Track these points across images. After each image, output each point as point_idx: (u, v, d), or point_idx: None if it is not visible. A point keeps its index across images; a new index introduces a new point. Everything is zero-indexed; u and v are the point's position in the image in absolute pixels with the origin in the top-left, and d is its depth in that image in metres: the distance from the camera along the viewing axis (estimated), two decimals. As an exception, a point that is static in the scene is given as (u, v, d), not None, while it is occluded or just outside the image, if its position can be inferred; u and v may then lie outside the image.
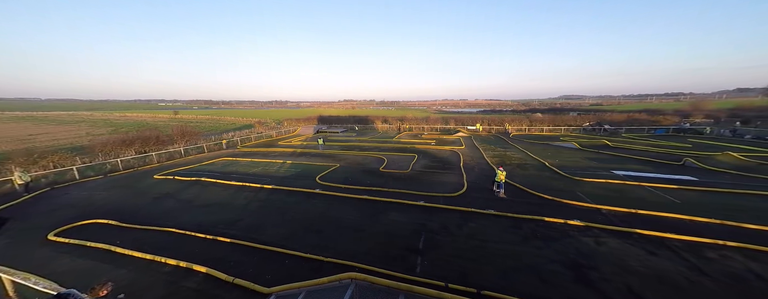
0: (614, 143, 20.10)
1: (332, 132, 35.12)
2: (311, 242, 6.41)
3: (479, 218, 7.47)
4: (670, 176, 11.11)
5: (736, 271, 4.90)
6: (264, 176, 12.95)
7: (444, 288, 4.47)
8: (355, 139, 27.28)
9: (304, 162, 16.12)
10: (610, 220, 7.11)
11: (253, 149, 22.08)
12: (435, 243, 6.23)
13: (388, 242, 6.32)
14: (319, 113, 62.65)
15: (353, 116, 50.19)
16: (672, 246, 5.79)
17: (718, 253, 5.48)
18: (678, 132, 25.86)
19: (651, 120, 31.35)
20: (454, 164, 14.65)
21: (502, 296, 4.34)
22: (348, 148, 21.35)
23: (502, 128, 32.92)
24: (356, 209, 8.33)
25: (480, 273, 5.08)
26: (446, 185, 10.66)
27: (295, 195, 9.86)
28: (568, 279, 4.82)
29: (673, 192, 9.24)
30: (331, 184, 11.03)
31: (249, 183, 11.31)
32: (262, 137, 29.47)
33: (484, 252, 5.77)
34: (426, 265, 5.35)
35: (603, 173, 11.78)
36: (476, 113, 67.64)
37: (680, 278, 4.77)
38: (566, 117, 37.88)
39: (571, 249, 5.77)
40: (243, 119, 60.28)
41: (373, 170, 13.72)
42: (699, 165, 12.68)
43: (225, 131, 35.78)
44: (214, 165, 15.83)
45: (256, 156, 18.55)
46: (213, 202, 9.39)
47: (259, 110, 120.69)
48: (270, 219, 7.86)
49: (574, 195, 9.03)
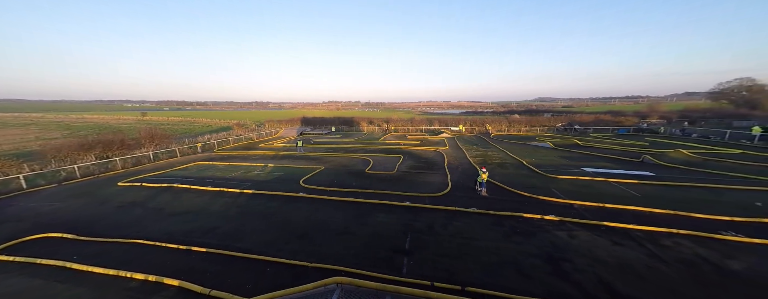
0: (584, 142, 21.69)
1: (317, 134, 34.44)
2: (295, 247, 6.22)
3: (463, 217, 7.68)
4: (631, 172, 12.18)
5: (687, 256, 5.47)
6: (244, 180, 12.37)
7: (430, 287, 4.54)
8: (340, 141, 26.95)
9: (287, 165, 15.63)
10: (581, 214, 7.64)
11: (231, 152, 21.03)
12: (421, 242, 6.31)
13: (375, 244, 6.30)
14: (302, 114, 61.30)
15: (338, 118, 49.62)
16: (634, 236, 6.34)
17: (672, 241, 6.09)
18: (637, 132, 28.47)
19: (614, 121, 34.25)
20: (439, 164, 14.97)
21: (486, 292, 4.49)
22: (333, 150, 21.03)
23: (483, 129, 34.24)
24: (342, 212, 8.22)
25: (464, 271, 5.22)
26: (431, 185, 10.85)
27: (277, 200, 9.52)
28: (546, 272, 5.10)
29: (633, 186, 10.14)
30: (315, 187, 10.80)
31: (227, 188, 10.74)
32: (241, 139, 28.19)
33: (468, 250, 5.94)
34: (412, 265, 5.40)
35: (574, 171, 12.65)
36: (459, 114, 69.87)
37: (641, 265, 5.24)
38: (541, 118, 40.28)
39: (547, 243, 6.12)
40: (220, 121, 57.26)
41: (359, 171, 13.64)
42: (655, 161, 14.03)
43: (200, 133, 33.73)
44: (188, 170, 14.85)
45: (235, 160, 17.69)
46: (187, 209, 8.80)
47: (238, 112, 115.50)
48: (251, 226, 7.52)
49: (550, 192, 9.59)
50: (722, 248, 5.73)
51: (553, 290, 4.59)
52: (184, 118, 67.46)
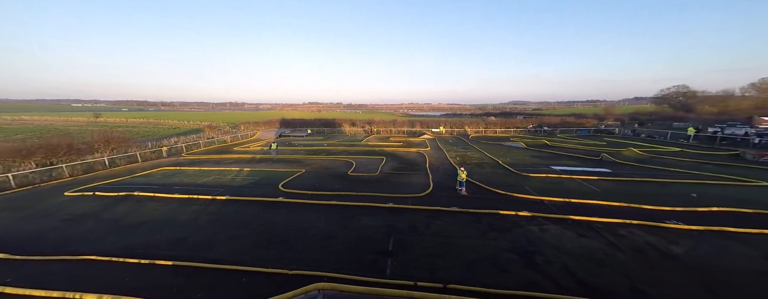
0: (552, 142, 23.43)
1: (297, 136, 33.42)
2: (274, 255, 5.94)
3: (445, 216, 7.89)
4: (592, 169, 13.39)
5: (639, 244, 6.12)
6: (216, 186, 11.61)
7: (413, 287, 4.59)
8: (322, 143, 26.39)
9: (265, 169, 14.96)
10: (550, 209, 8.22)
11: (202, 156, 19.65)
12: (405, 243, 6.36)
13: (358, 247, 6.23)
14: (281, 115, 59.14)
15: (319, 119, 48.59)
16: (596, 227, 6.96)
17: (627, 230, 6.77)
18: (597, 132, 31.41)
19: (577, 123, 37.48)
20: (421, 165, 15.26)
21: (466, 288, 4.64)
22: (314, 152, 20.54)
23: (462, 130, 35.57)
24: (325, 216, 8.03)
25: (446, 268, 5.35)
26: (414, 186, 11.02)
27: (254, 205, 9.06)
28: (520, 265, 5.40)
29: (594, 182, 11.14)
30: (296, 191, 10.44)
31: (197, 195, 10.01)
32: (213, 142, 26.47)
33: (449, 248, 6.11)
34: (396, 266, 5.43)
35: (544, 169, 13.61)
36: (439, 116, 71.92)
37: (601, 253, 5.76)
38: (514, 120, 42.79)
39: (521, 237, 6.50)
40: (189, 123, 53.24)
41: (342, 174, 13.45)
42: (612, 159, 15.57)
43: (165, 136, 31.09)
44: (151, 177, 13.61)
45: (206, 164, 16.55)
46: (149, 220, 8.04)
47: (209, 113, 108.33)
48: (224, 234, 7.06)
49: (523, 189, 10.21)
50: (667, 235, 6.49)
51: (527, 281, 4.87)
52: (146, 119, 61.77)
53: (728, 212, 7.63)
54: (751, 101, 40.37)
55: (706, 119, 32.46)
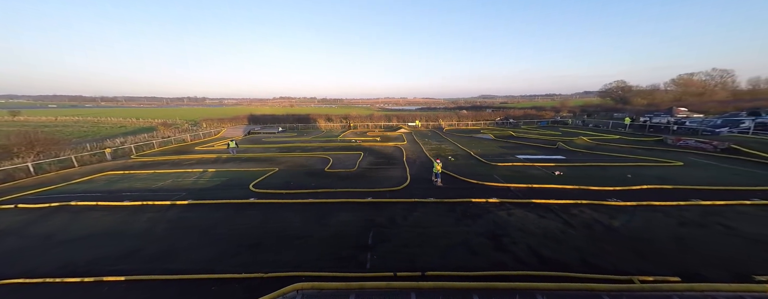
0: (517, 133, 25.40)
1: (268, 133, 31.55)
2: (247, 260, 5.64)
3: (422, 207, 8.17)
4: (550, 157, 14.85)
5: (587, 221, 7.01)
6: (176, 190, 10.55)
7: (393, 277, 4.72)
8: (296, 139, 25.31)
9: (232, 169, 13.95)
10: (515, 194, 8.98)
11: (156, 157, 17.63)
12: (384, 236, 6.48)
13: (337, 244, 6.19)
14: (249, 111, 55.20)
15: (292, 115, 46.40)
16: (553, 209, 7.79)
17: (578, 210, 7.69)
18: (554, 123, 34.76)
19: (538, 115, 41.05)
20: (398, 159, 15.50)
21: (442, 273, 4.92)
22: (288, 149, 19.64)
23: (437, 124, 36.76)
24: (301, 215, 7.80)
25: (424, 257, 5.59)
26: (392, 180, 11.18)
27: (222, 209, 8.44)
28: (490, 248, 5.86)
29: (551, 168, 12.39)
30: (268, 191, 9.94)
31: (152, 201, 9.01)
32: (170, 142, 23.86)
33: (426, 237, 6.37)
34: (376, 260, 5.52)
35: (510, 158, 14.74)
36: (415, 110, 73.26)
37: (557, 232, 6.49)
38: (484, 113, 45.40)
39: (491, 222, 7.02)
40: (138, 121, 47.06)
41: (318, 171, 13.10)
42: (566, 147, 17.41)
43: (109, 136, 27.13)
44: (92, 183, 11.89)
45: (162, 166, 14.90)
46: (93, 232, 7.07)
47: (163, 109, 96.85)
48: (187, 242, 6.50)
49: (492, 178, 10.98)
50: (609, 211, 7.52)
51: (496, 262, 5.31)
52: (82, 117, 53.17)
53: (654, 189, 9.07)
54: (672, 94, 47.94)
55: (638, 110, 37.81)
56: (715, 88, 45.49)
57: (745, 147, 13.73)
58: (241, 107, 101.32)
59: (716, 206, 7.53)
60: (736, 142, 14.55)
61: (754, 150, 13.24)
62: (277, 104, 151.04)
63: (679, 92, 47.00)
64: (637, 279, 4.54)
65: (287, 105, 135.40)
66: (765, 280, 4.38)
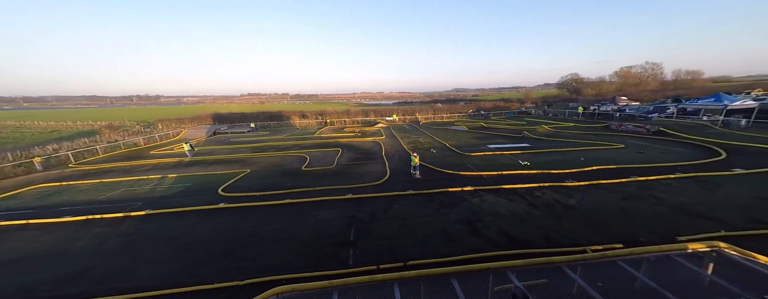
0: (488, 124, 26.91)
1: (237, 132, 29.46)
2: (219, 268, 5.31)
3: (402, 200, 8.36)
4: (516, 145, 16.04)
5: (549, 201, 7.77)
6: (129, 200, 9.46)
7: (376, 270, 4.80)
8: (268, 138, 23.99)
9: (197, 173, 12.85)
10: (487, 182, 9.60)
11: (101, 165, 15.56)
12: (366, 231, 6.52)
13: (318, 242, 6.10)
14: (214, 109, 50.88)
15: (263, 112, 43.70)
16: (521, 192, 8.49)
17: (541, 192, 8.48)
18: (519, 114, 37.45)
19: (505, 106, 43.80)
20: (377, 153, 15.54)
21: (423, 261, 5.12)
22: (260, 149, 18.58)
23: (414, 118, 37.39)
24: (277, 217, 7.51)
25: (405, 247, 5.76)
26: (372, 175, 11.21)
27: (187, 217, 7.78)
28: (466, 233, 6.23)
29: (518, 156, 13.42)
30: (240, 194, 9.38)
31: (100, 215, 7.99)
32: (118, 146, 21.17)
33: (407, 229, 6.55)
34: (359, 255, 5.55)
35: (482, 148, 15.62)
36: (392, 104, 73.55)
37: (523, 213, 7.10)
38: (458, 106, 47.14)
39: (466, 209, 7.44)
40: (75, 124, 40.70)
41: (295, 170, 12.64)
42: (530, 135, 18.92)
43: (37, 143, 23.08)
44: (18, 199, 10.18)
45: (109, 175, 13.22)
46: (25, 255, 6.11)
47: (107, 110, 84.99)
48: (146, 256, 5.92)
49: (466, 167, 11.56)
50: (566, 191, 8.41)
51: (472, 246, 5.68)
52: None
53: (601, 170, 10.32)
54: (615, 85, 54.24)
55: (589, 99, 42.27)
56: (648, 79, 52.61)
57: (670, 130, 16.19)
58: (204, 106, 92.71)
59: (649, 181, 8.82)
60: (663, 125, 17.07)
61: (677, 132, 15.68)
62: (246, 102, 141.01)
63: (621, 83, 53.53)
64: (589, 249, 5.18)
65: (257, 102, 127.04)
66: (685, 240, 5.28)
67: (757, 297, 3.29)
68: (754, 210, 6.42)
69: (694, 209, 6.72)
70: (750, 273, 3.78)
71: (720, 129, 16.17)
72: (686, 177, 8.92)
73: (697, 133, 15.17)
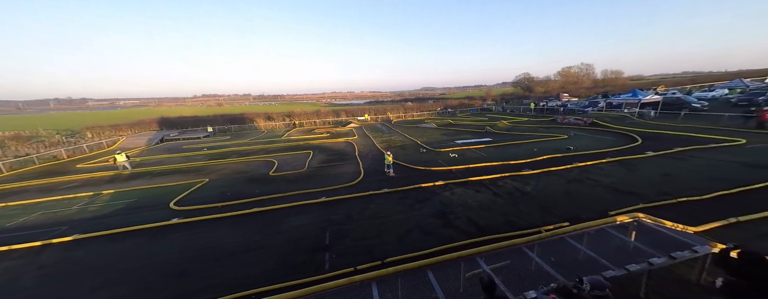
0: (455, 121, 28.45)
1: (191, 138, 26.46)
2: (174, 292, 4.75)
3: (377, 199, 8.41)
4: (480, 140, 17.29)
5: (509, 190, 8.55)
6: (50, 225, 7.93)
7: (353, 272, 4.77)
8: (229, 143, 22.04)
9: (141, 187, 11.27)
10: (456, 175, 10.18)
11: (7, 185, 12.70)
12: (342, 233, 6.42)
13: (291, 250, 5.83)
14: (160, 113, 45.02)
15: (222, 115, 40.03)
16: (486, 183, 9.19)
17: (503, 182, 9.29)
18: (482, 110, 40.37)
19: (470, 104, 46.82)
20: (350, 154, 15.36)
21: (400, 257, 5.24)
22: (220, 156, 16.98)
23: (385, 117, 37.76)
24: (243, 227, 6.98)
25: (382, 246, 5.82)
26: (346, 176, 11.05)
27: (129, 238, 6.79)
28: (439, 226, 6.54)
29: (482, 150, 14.49)
30: (197, 207, 8.49)
31: (7, 246, 6.55)
32: (31, 161, 17.47)
33: (384, 227, 6.62)
34: (335, 258, 5.45)
35: (451, 143, 16.50)
36: (364, 104, 73.21)
37: (489, 202, 7.71)
38: (427, 104, 48.96)
39: (439, 203, 7.80)
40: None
41: (262, 176, 11.84)
42: (492, 130, 20.54)
43: None
44: None
45: (18, 196, 10.92)
46: None
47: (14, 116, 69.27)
48: (78, 288, 5.05)
49: (437, 163, 12.10)
50: (523, 179, 9.35)
51: (445, 237, 5.98)
52: None
53: (550, 158, 11.69)
54: (559, 83, 61.66)
55: (539, 96, 47.40)
56: (583, 78, 61.00)
57: (601, 121, 19.02)
58: (148, 109, 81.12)
59: (587, 166, 10.27)
60: (596, 118, 19.99)
61: (606, 123, 18.49)
62: (200, 104, 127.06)
63: (563, 82, 61.15)
64: (543, 230, 5.85)
65: (213, 104, 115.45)
66: (614, 214, 6.28)
67: (665, 255, 4.07)
68: (662, 185, 7.93)
69: (620, 187, 8.03)
70: (661, 236, 4.66)
71: (637, 119, 19.52)
72: (614, 161, 10.60)
73: (620, 123, 18.10)
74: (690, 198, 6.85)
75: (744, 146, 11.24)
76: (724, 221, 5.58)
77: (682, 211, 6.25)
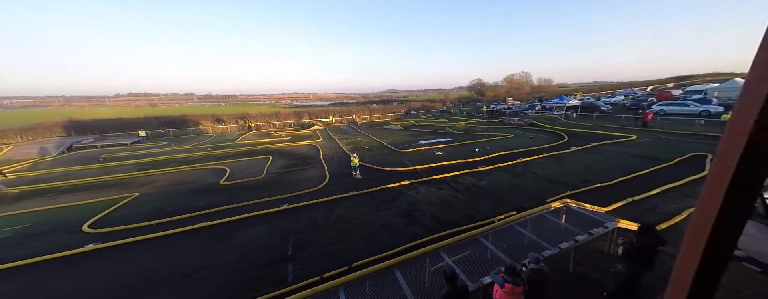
0: (418, 122, 29.72)
1: (113, 146, 22.00)
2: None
3: (344, 202, 8.23)
4: (441, 140, 18.43)
5: (467, 186, 9.30)
6: None
7: (319, 281, 4.57)
8: (167, 150, 19.00)
9: (39, 209, 8.94)
10: (421, 175, 10.63)
11: None
12: (306, 241, 6.10)
13: (248, 266, 5.29)
14: (66, 115, 36.50)
15: (157, 117, 34.30)
16: (447, 180, 9.81)
17: (462, 178, 10.06)
18: (442, 112, 43.13)
19: (431, 106, 49.56)
20: (315, 158, 14.72)
21: (367, 260, 5.22)
22: (154, 165, 14.52)
23: (351, 119, 37.31)
24: (184, 246, 6.09)
25: (349, 250, 5.71)
26: (309, 181, 10.54)
27: (21, 276, 5.32)
28: (405, 224, 6.73)
29: (443, 149, 15.46)
30: (124, 228, 7.10)
31: None
32: None
33: (350, 231, 6.51)
34: (299, 269, 5.14)
35: (415, 144, 17.17)
36: (328, 105, 71.11)
37: (450, 197, 8.26)
38: (392, 106, 50.02)
39: (405, 202, 8.03)
40: None
41: (209, 186, 10.50)
42: (451, 131, 22.09)
43: None
44: None
45: None
46: None
47: None
48: None
49: (403, 163, 12.45)
50: (479, 175, 10.27)
51: (411, 235, 6.18)
52: None
53: (500, 155, 13.12)
54: (505, 88, 69.77)
55: (489, 100, 52.85)
56: (524, 84, 70.34)
57: (538, 122, 22.15)
58: (51, 111, 64.48)
59: (528, 161, 11.82)
60: (534, 119, 23.20)
61: (541, 123, 21.60)
62: (125, 104, 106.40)
63: (508, 87, 69.52)
64: (496, 220, 6.51)
65: (145, 105, 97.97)
66: (549, 201, 7.35)
67: (586, 233, 4.92)
68: (584, 174, 9.60)
69: (553, 178, 9.46)
70: (583, 218, 5.61)
71: (564, 120, 23.30)
72: (548, 156, 12.44)
73: (552, 123, 21.38)
74: (602, 184, 8.46)
75: (635, 140, 14.38)
76: (624, 201, 7.04)
77: (597, 195, 7.68)
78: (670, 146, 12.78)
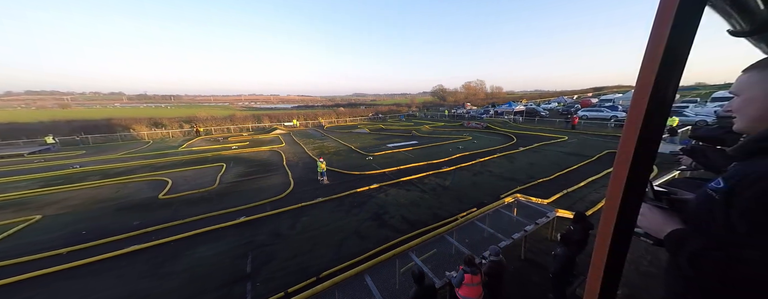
0: (386, 125, 30.21)
1: (5, 156, 17.26)
2: None
3: (310, 210, 7.83)
4: (408, 143, 19.05)
5: (433, 186, 9.75)
6: None
7: (284, 296, 4.24)
8: (85, 160, 15.64)
9: None
10: (389, 177, 10.78)
11: None
12: (268, 255, 5.61)
13: (196, 291, 4.62)
14: None
15: (71, 121, 28.11)
16: (414, 182, 10.14)
17: (428, 179, 10.51)
18: (409, 116, 44.71)
19: (398, 110, 50.97)
20: (277, 164, 13.75)
21: (337, 268, 5.04)
22: (67, 179, 11.81)
23: (317, 122, 36.01)
24: (115, 274, 5.07)
25: (317, 259, 5.44)
26: (271, 189, 9.78)
27: None
28: (375, 227, 6.71)
29: (410, 151, 16.00)
30: (18, 260, 5.57)
31: None
32: None
33: (318, 239, 6.21)
34: (259, 287, 4.69)
35: (383, 147, 17.37)
36: (291, 108, 67.39)
37: (418, 199, 8.55)
38: (359, 110, 49.93)
39: (374, 205, 8.02)
40: None
41: (145, 201, 8.95)
42: (417, 134, 23.01)
43: None
44: None
45: None
46: None
47: None
48: None
49: (371, 167, 12.46)
50: (444, 175, 10.87)
51: (381, 238, 6.18)
52: None
53: (461, 156, 14.14)
54: (463, 94, 75.84)
55: (451, 104, 56.74)
56: (479, 90, 77.57)
57: (491, 125, 24.57)
58: None
59: (485, 160, 12.99)
60: (489, 123, 25.67)
61: (495, 126, 24.02)
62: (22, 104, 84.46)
63: (466, 93, 75.82)
64: (459, 217, 6.95)
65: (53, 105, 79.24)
66: (503, 196, 8.16)
67: (533, 223, 5.57)
68: (530, 171, 10.93)
69: (505, 175, 10.56)
70: (530, 210, 6.36)
71: (513, 123, 26.32)
72: (501, 155, 13.86)
73: (503, 126, 23.97)
74: (544, 179, 9.75)
75: (566, 141, 17.00)
76: (561, 193, 8.23)
77: (541, 189, 8.81)
78: (592, 144, 15.47)
